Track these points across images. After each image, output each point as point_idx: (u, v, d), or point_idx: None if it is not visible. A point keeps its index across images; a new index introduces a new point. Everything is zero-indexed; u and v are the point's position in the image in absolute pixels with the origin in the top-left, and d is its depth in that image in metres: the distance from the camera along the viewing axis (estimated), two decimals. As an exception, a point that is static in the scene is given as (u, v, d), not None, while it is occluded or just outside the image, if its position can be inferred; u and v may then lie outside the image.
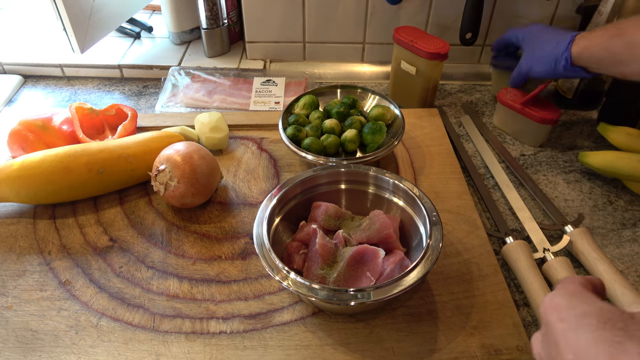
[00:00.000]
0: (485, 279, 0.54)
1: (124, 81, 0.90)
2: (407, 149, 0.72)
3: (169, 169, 0.58)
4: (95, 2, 0.79)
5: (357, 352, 0.48)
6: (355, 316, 0.51)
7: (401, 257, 0.49)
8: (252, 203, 0.64)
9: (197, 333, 0.49)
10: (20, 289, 0.53)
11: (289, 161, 0.70)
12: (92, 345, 0.48)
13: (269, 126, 0.75)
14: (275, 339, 0.49)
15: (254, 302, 0.52)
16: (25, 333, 0.49)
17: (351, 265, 0.49)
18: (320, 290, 0.44)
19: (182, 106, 0.81)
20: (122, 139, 0.65)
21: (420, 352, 0.47)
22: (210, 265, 0.56)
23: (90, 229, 0.60)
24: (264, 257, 0.47)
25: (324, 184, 0.57)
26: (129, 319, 0.51)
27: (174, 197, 0.59)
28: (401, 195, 0.55)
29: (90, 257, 0.57)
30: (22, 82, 0.89)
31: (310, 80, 0.88)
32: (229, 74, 0.88)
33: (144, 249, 0.58)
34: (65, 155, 0.60)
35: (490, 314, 0.50)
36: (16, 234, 0.59)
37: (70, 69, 0.90)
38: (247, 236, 0.59)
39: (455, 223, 0.60)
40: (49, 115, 0.69)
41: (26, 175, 0.59)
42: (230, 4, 0.91)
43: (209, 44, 0.92)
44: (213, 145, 0.70)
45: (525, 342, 0.48)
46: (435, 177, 0.67)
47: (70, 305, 0.52)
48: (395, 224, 0.53)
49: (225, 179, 0.67)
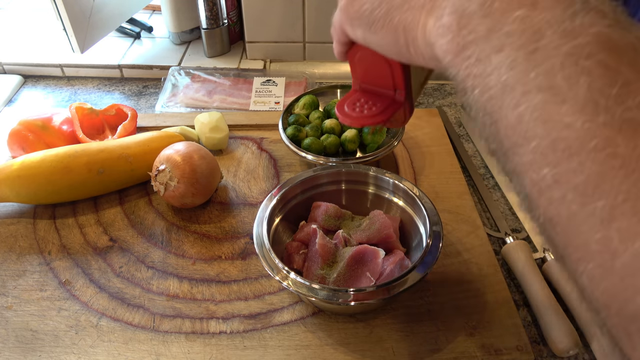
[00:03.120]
0: (485, 279, 0.54)
1: (124, 81, 0.90)
2: (407, 149, 0.72)
3: (169, 169, 0.58)
4: (95, 2, 0.79)
5: (357, 352, 0.48)
6: (355, 316, 0.51)
7: (401, 257, 0.49)
8: (252, 203, 0.64)
9: (197, 333, 0.49)
10: (20, 289, 0.53)
11: (289, 161, 0.70)
12: (92, 345, 0.48)
13: (269, 126, 0.75)
14: (275, 339, 0.49)
15: (254, 302, 0.52)
16: (25, 333, 0.49)
17: (351, 265, 0.49)
18: (320, 290, 0.44)
19: (182, 106, 0.81)
20: (122, 139, 0.65)
21: (420, 352, 0.47)
22: (210, 265, 0.56)
23: (90, 229, 0.60)
24: (264, 257, 0.47)
25: (324, 184, 0.57)
26: (129, 319, 0.51)
27: (174, 197, 0.59)
28: (401, 195, 0.55)
29: (90, 257, 0.57)
30: (22, 82, 0.89)
31: (310, 80, 0.88)
32: (229, 74, 0.88)
33: (144, 249, 0.58)
34: (65, 155, 0.60)
35: (490, 314, 0.50)
36: (16, 234, 0.59)
37: (70, 69, 0.90)
38: (247, 236, 0.59)
39: (455, 223, 0.60)
40: (49, 115, 0.69)
41: (26, 175, 0.59)
42: (230, 4, 0.91)
43: (209, 44, 0.92)
44: (213, 145, 0.70)
45: (525, 342, 0.48)
46: (435, 177, 0.67)
47: (70, 305, 0.52)
48: (395, 224, 0.53)
49: (225, 179, 0.67)
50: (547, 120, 0.20)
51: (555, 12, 0.20)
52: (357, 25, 0.31)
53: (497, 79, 0.21)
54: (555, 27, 0.20)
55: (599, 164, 0.18)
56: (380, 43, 0.31)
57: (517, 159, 0.21)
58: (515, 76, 0.21)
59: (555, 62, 0.20)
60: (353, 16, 0.31)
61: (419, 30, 0.27)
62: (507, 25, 0.21)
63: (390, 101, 0.37)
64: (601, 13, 0.20)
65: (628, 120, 0.18)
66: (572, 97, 0.19)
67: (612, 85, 0.18)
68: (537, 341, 0.50)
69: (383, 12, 0.29)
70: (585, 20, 0.20)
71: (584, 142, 0.19)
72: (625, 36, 0.19)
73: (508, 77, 0.21)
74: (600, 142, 0.18)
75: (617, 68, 0.19)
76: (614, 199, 0.18)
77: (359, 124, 0.38)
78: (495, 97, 0.22)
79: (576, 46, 0.19)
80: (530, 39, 0.21)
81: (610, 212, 0.18)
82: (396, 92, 0.37)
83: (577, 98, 0.19)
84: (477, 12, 0.23)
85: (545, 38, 0.20)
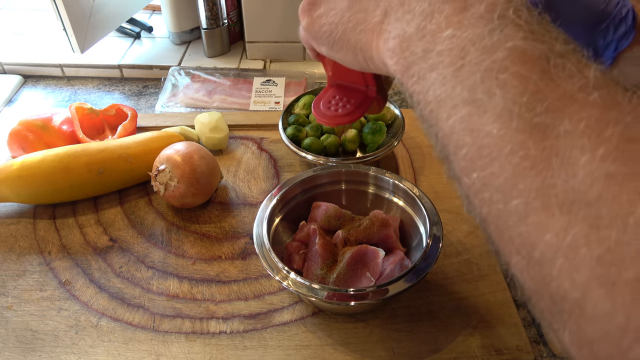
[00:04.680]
0: (485, 279, 0.54)
1: (124, 81, 0.90)
2: (407, 149, 0.72)
3: (169, 169, 0.58)
4: (95, 2, 0.79)
5: (357, 352, 0.48)
6: (355, 316, 0.51)
7: (401, 257, 0.49)
8: (252, 203, 0.64)
9: (197, 333, 0.49)
10: (20, 289, 0.53)
11: (289, 161, 0.70)
12: (92, 345, 0.48)
13: (269, 126, 0.75)
14: (275, 339, 0.49)
15: (254, 302, 0.52)
16: (25, 333, 0.49)
17: (351, 265, 0.49)
18: (320, 290, 0.44)
19: (182, 106, 0.81)
20: (122, 139, 0.65)
21: (420, 352, 0.47)
22: (210, 265, 0.56)
23: (90, 229, 0.60)
24: (264, 257, 0.47)
25: (324, 184, 0.57)
26: (129, 319, 0.51)
27: (174, 197, 0.59)
28: (401, 195, 0.55)
29: (90, 257, 0.57)
30: (22, 82, 0.89)
31: (310, 80, 0.88)
32: (229, 74, 0.88)
33: (144, 249, 0.58)
34: (65, 155, 0.60)
35: (490, 314, 0.50)
36: (16, 234, 0.59)
37: (70, 69, 0.90)
38: (247, 236, 0.59)
39: (455, 223, 0.60)
40: (49, 115, 0.69)
41: (26, 175, 0.59)
42: (230, 4, 0.91)
43: (209, 44, 0.92)
44: (213, 145, 0.70)
45: (525, 342, 0.48)
46: (435, 177, 0.67)
47: (70, 305, 0.52)
48: (395, 224, 0.53)
49: (225, 179, 0.67)
50: (472, 129, 0.22)
51: (476, 30, 0.22)
52: (320, 44, 0.34)
53: (433, 95, 0.24)
54: (477, 44, 0.22)
55: (514, 165, 0.20)
56: (342, 59, 0.33)
57: (455, 165, 0.24)
58: (446, 92, 0.23)
59: (477, 77, 0.22)
60: (314, 36, 0.34)
61: (373, 51, 0.29)
62: (439, 44, 0.23)
63: (363, 96, 0.39)
64: (517, 26, 0.22)
65: (537, 125, 0.20)
66: (491, 107, 0.21)
67: (523, 94, 0.20)
68: (537, 341, 0.50)
69: (340, 34, 0.31)
70: (502, 35, 0.22)
71: (502, 147, 0.21)
72: (537, 47, 0.21)
73: (440, 92, 0.23)
74: (514, 146, 0.20)
75: (529, 77, 0.21)
76: (527, 197, 0.20)
77: (334, 124, 0.39)
78: (434, 111, 0.24)
79: (494, 61, 0.21)
80: (457, 56, 0.23)
81: (525, 209, 0.20)
82: (368, 87, 0.39)
83: (495, 108, 0.21)
84: (414, 34, 0.25)
85: (469, 55, 0.22)
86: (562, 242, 0.19)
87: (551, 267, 0.19)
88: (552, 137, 0.20)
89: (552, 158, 0.19)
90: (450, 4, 0.24)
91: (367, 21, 0.29)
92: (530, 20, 0.22)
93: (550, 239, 0.19)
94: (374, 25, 0.29)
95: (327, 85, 0.41)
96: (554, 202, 0.19)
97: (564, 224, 0.19)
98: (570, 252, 0.19)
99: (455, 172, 0.24)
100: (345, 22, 0.31)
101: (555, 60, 0.21)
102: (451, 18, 0.23)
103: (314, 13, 0.33)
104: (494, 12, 0.23)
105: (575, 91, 0.20)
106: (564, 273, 0.19)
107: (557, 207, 0.19)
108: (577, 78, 0.20)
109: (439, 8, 0.24)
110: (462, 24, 0.23)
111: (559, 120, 0.20)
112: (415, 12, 0.25)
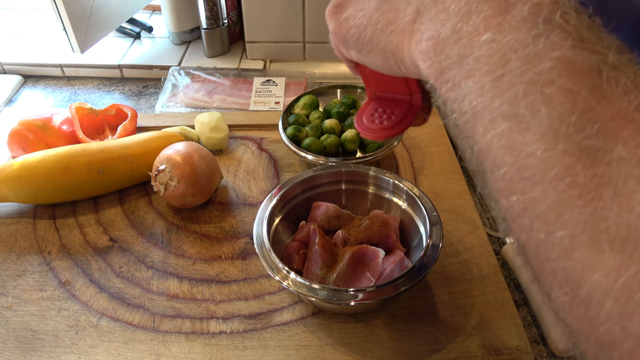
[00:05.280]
0: (485, 279, 0.54)
1: (124, 81, 0.90)
2: (407, 149, 0.72)
3: (169, 169, 0.58)
4: (95, 2, 0.79)
5: (357, 352, 0.48)
6: (355, 316, 0.51)
7: (401, 257, 0.49)
8: (252, 203, 0.64)
9: (197, 333, 0.49)
10: (20, 289, 0.53)
11: (289, 161, 0.70)
12: (92, 345, 0.48)
13: (269, 126, 0.75)
14: (275, 339, 0.49)
15: (254, 302, 0.52)
16: (25, 333, 0.49)
17: (351, 265, 0.49)
18: (320, 290, 0.44)
19: (182, 106, 0.81)
20: (122, 139, 0.65)
21: (420, 352, 0.47)
22: (210, 265, 0.56)
23: (90, 229, 0.60)
24: (264, 257, 0.47)
25: (324, 184, 0.57)
26: (129, 319, 0.51)
27: (174, 197, 0.59)
28: (401, 195, 0.55)
29: (90, 257, 0.57)
30: (22, 82, 0.89)
31: (310, 80, 0.88)
32: (229, 74, 0.88)
33: (144, 249, 0.58)
34: (65, 155, 0.60)
35: (490, 314, 0.50)
36: (16, 234, 0.59)
37: (70, 69, 0.90)
38: (247, 236, 0.59)
39: (455, 223, 0.60)
40: (49, 115, 0.69)
41: (26, 175, 0.59)
42: (230, 4, 0.91)
43: (209, 44, 0.92)
44: (213, 145, 0.70)
45: (526, 342, 0.48)
46: (435, 177, 0.67)
47: (70, 305, 0.52)
48: (395, 224, 0.53)
49: (225, 179, 0.67)
50: (513, 147, 0.20)
51: (519, 35, 0.20)
52: (349, 48, 0.32)
53: (469, 105, 0.22)
54: (519, 51, 0.20)
55: (560, 193, 0.18)
56: (373, 63, 0.31)
57: (492, 184, 0.22)
58: (483, 103, 0.21)
59: (519, 89, 0.20)
60: (343, 40, 0.32)
61: (404, 53, 0.27)
62: (476, 49, 0.22)
63: (408, 106, 0.36)
64: (565, 33, 0.20)
65: (587, 148, 0.18)
66: (535, 125, 0.19)
67: (572, 112, 0.18)
68: (537, 341, 0.50)
69: (369, 37, 0.30)
70: (547, 42, 0.20)
71: (546, 171, 0.19)
72: (587, 57, 0.19)
73: (477, 103, 0.21)
74: (560, 171, 0.18)
75: (579, 93, 0.19)
76: (573, 229, 0.18)
77: (381, 137, 0.36)
78: (469, 122, 0.22)
79: (539, 72, 0.19)
80: (496, 63, 0.21)
81: (571, 242, 0.18)
82: (412, 96, 0.36)
83: (539, 126, 0.19)
84: (450, 37, 0.23)
85: (510, 63, 0.20)
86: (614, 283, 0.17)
87: (599, 310, 0.17)
88: (603, 163, 0.17)
89: (603, 187, 0.17)
90: (489, 4, 0.22)
91: (398, 21, 0.27)
92: (580, 26, 0.20)
93: (600, 278, 0.17)
94: (405, 25, 0.27)
95: (367, 100, 0.38)
96: (604, 238, 0.17)
97: (616, 264, 0.17)
98: (623, 296, 0.16)
99: (491, 191, 0.22)
100: (374, 24, 0.29)
101: (608, 73, 0.19)
102: (490, 20, 0.21)
103: (340, 16, 0.32)
104: (538, 15, 0.20)
105: (632, 111, 0.18)
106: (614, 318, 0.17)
107: (608, 243, 0.17)
108: (633, 95, 0.18)
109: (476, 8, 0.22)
110: (502, 27, 0.21)
111: (612, 144, 0.18)
112: (451, 12, 0.23)
